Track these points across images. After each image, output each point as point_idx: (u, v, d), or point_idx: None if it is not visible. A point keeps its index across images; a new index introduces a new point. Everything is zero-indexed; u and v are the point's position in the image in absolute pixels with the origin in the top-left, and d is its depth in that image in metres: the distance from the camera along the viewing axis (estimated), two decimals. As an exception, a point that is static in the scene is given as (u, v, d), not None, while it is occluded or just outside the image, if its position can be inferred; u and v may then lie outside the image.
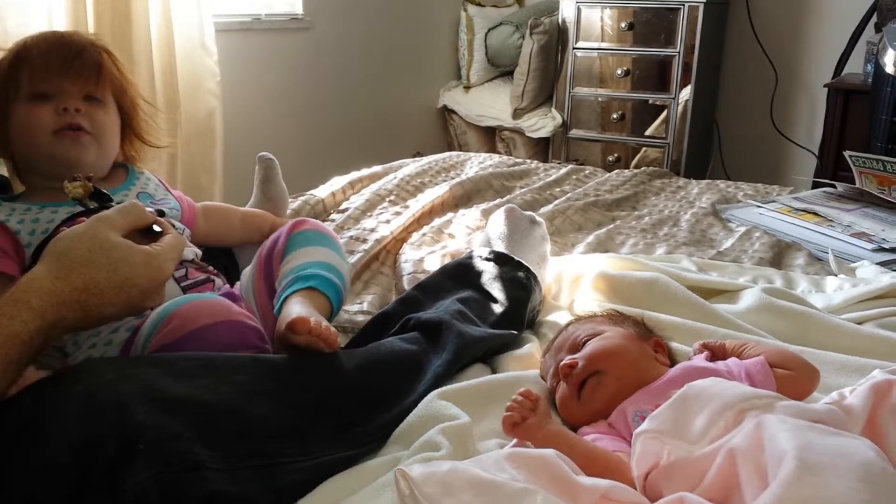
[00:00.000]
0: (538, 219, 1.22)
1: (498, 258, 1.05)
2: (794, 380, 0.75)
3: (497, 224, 1.18)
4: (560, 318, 1.02)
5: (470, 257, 1.07)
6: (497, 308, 0.97)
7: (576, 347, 0.82)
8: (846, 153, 1.71)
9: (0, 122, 0.98)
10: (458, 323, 0.88)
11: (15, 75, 0.96)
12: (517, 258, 1.06)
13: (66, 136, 0.96)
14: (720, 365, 0.77)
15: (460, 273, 1.04)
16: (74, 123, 0.96)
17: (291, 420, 0.70)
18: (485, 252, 1.07)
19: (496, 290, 1.00)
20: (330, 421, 0.72)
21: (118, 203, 0.89)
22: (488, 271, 1.03)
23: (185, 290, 0.91)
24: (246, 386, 0.71)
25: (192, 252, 0.99)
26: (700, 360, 0.80)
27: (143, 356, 0.72)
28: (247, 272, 0.99)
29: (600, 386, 0.77)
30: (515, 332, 0.95)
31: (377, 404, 0.76)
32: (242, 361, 0.76)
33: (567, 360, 0.80)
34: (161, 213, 0.98)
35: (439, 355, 0.83)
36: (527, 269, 1.05)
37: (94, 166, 0.98)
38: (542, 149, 3.09)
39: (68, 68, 0.97)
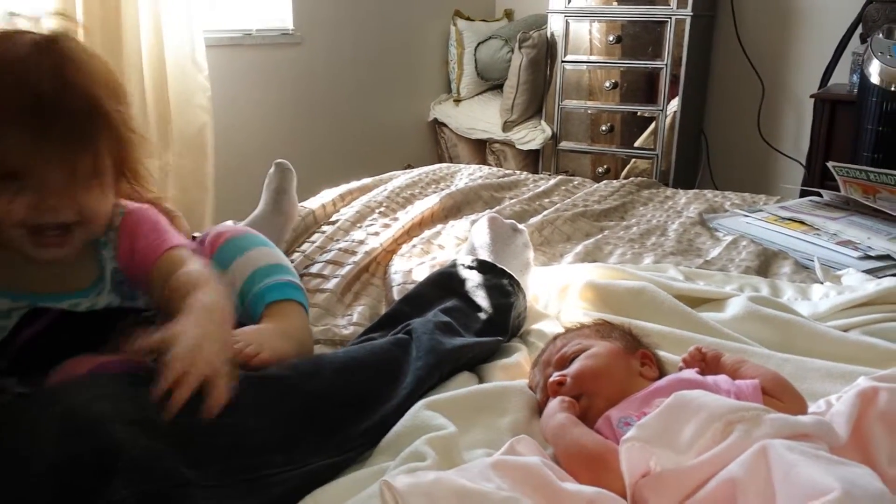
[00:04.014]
0: (520, 227, 1.22)
1: (481, 266, 1.06)
2: (781, 410, 0.72)
3: (480, 233, 1.18)
4: (548, 326, 1.03)
5: (453, 266, 1.07)
6: (482, 316, 0.97)
7: (564, 363, 0.82)
8: (830, 164, 1.72)
9: None
10: (439, 333, 0.88)
11: None
12: (500, 266, 1.07)
13: (48, 245, 0.74)
14: (708, 379, 0.77)
15: (444, 282, 1.04)
16: (60, 225, 0.73)
17: (274, 431, 0.70)
18: (468, 260, 1.07)
19: (480, 297, 1.00)
20: (314, 428, 0.72)
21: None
22: (472, 279, 1.03)
23: None
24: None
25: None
26: (689, 373, 0.79)
27: (117, 377, 0.71)
28: None
29: (590, 409, 0.77)
30: (500, 338, 0.95)
31: (359, 409, 0.76)
32: None
33: (556, 376, 0.80)
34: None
35: (420, 357, 0.84)
36: (510, 277, 1.05)
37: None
38: (532, 161, 3.10)
39: (46, 146, 0.69)
